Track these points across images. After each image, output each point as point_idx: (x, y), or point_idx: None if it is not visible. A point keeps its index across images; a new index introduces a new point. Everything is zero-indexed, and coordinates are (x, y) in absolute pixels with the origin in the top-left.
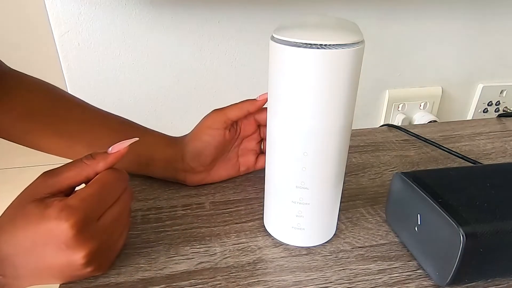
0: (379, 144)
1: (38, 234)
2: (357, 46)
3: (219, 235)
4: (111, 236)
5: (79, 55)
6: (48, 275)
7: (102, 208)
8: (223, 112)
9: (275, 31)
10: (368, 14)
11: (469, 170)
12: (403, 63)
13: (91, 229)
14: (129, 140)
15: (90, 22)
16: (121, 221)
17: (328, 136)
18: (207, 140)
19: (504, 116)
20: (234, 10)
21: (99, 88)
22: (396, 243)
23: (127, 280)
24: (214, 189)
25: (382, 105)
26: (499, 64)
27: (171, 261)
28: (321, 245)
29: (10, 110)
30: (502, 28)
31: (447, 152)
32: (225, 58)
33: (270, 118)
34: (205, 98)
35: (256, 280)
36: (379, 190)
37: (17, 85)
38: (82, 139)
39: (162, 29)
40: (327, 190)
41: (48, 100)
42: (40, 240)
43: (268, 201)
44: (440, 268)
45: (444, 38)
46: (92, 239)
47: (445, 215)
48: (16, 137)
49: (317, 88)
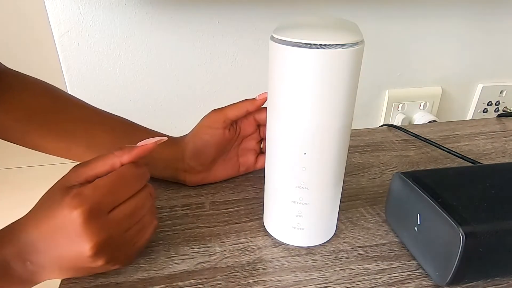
0: (379, 144)
1: (55, 220)
2: (357, 46)
3: (219, 235)
4: (126, 232)
5: (79, 55)
6: (65, 266)
7: (115, 201)
8: (222, 111)
9: (274, 31)
10: (368, 14)
11: (469, 170)
12: (403, 63)
13: (100, 220)
14: (158, 138)
15: (90, 22)
16: (136, 217)
17: (328, 136)
18: (207, 139)
19: (504, 116)
20: (234, 10)
21: (99, 88)
22: (396, 243)
23: (127, 280)
24: (214, 189)
25: (382, 105)
26: (499, 64)
27: (171, 261)
28: (321, 245)
29: (9, 110)
30: (502, 28)
31: (447, 152)
32: (225, 58)
33: (270, 118)
34: (205, 98)
35: (256, 280)
36: (379, 190)
37: (16, 85)
38: (81, 139)
39: (162, 29)
40: (327, 190)
41: (47, 100)
42: (57, 226)
43: (268, 201)
44: (440, 267)
45: (444, 38)
46: (100, 230)
47: (445, 215)
48: (15, 137)
49: (316, 88)
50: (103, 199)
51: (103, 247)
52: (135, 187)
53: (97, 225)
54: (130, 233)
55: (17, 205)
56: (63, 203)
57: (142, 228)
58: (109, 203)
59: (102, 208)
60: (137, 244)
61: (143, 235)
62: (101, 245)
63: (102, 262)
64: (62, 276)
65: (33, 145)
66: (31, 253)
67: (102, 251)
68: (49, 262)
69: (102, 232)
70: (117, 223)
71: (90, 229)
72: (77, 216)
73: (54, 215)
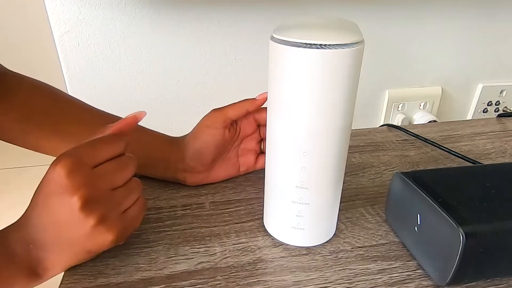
0: (379, 144)
1: (46, 187)
2: (356, 46)
3: (219, 235)
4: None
5: (79, 55)
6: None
7: (96, 156)
8: (222, 111)
9: (275, 31)
10: (368, 14)
11: (469, 170)
12: (403, 63)
13: (84, 171)
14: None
15: (90, 22)
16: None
17: (328, 136)
18: (207, 139)
19: (504, 116)
20: (234, 10)
21: (99, 88)
22: (396, 243)
23: (127, 280)
24: (214, 189)
25: (382, 105)
26: (499, 64)
27: (171, 261)
28: (321, 245)
29: (9, 111)
30: (502, 28)
31: (447, 152)
32: (225, 58)
33: (270, 118)
34: (205, 98)
35: (256, 280)
36: (379, 190)
37: (16, 86)
38: (81, 140)
39: (162, 29)
40: (327, 190)
41: (46, 101)
42: (47, 192)
43: (268, 201)
44: (439, 268)
45: (444, 38)
46: (84, 180)
47: (445, 215)
48: (15, 138)
49: (316, 88)
50: (84, 154)
51: (91, 199)
52: (116, 149)
53: (80, 175)
54: (118, 194)
55: (17, 205)
56: (50, 168)
57: (128, 194)
58: (90, 158)
59: (84, 162)
60: (127, 213)
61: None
62: (88, 195)
63: (93, 219)
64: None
65: (33, 146)
66: (33, 235)
67: (90, 203)
68: (49, 239)
69: (86, 182)
70: (100, 177)
71: (75, 178)
72: (60, 169)
73: (45, 184)
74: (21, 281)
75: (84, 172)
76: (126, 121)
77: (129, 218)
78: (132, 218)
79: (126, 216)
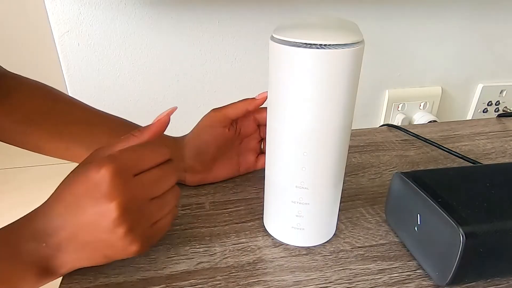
0: (379, 144)
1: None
2: (357, 46)
3: (219, 235)
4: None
5: (79, 55)
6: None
7: (140, 165)
8: (222, 111)
9: (275, 31)
10: (368, 14)
11: (469, 170)
12: (403, 63)
13: (126, 179)
14: (169, 109)
15: (90, 22)
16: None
17: (328, 136)
18: (206, 139)
19: (504, 116)
20: (234, 10)
21: (99, 88)
22: (396, 243)
23: (127, 280)
24: (214, 189)
25: (382, 105)
26: (499, 64)
27: (171, 261)
28: (321, 245)
29: (9, 113)
30: (502, 28)
31: (447, 152)
32: (225, 58)
33: (270, 118)
34: (205, 98)
35: (256, 280)
36: (379, 190)
37: (16, 87)
38: (82, 140)
39: (162, 29)
40: (327, 190)
41: (47, 102)
42: (81, 190)
43: (268, 201)
44: (439, 268)
45: (444, 38)
46: (126, 189)
47: (445, 215)
48: (15, 139)
49: (316, 88)
50: (129, 161)
51: (127, 209)
52: (158, 158)
53: (123, 183)
54: (153, 205)
55: (17, 205)
56: (89, 169)
57: (163, 206)
58: (134, 166)
59: (128, 169)
60: (157, 224)
61: (164, 216)
62: (126, 205)
63: (123, 229)
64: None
65: (33, 147)
66: (48, 234)
67: (125, 214)
68: (65, 239)
69: (127, 191)
70: (142, 186)
71: (117, 185)
72: (105, 173)
73: (78, 182)
74: (28, 279)
75: (127, 180)
76: (160, 121)
77: (157, 229)
78: (160, 229)
79: (154, 227)
